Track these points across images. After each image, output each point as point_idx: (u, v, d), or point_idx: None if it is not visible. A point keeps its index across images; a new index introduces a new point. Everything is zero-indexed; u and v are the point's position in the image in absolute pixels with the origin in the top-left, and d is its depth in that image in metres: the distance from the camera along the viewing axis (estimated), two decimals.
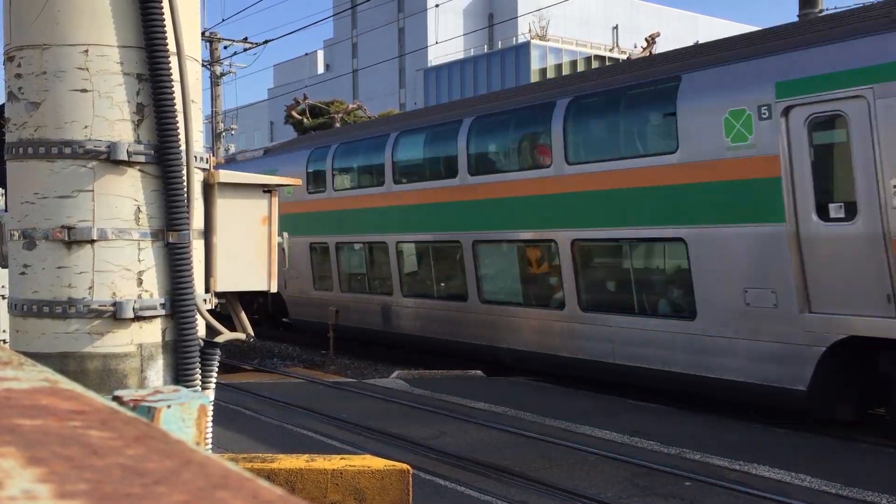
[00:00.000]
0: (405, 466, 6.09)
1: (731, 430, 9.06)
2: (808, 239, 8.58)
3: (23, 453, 0.67)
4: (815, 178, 8.67)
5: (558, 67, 54.38)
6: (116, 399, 1.18)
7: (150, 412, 1.13)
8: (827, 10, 17.22)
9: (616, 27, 66.40)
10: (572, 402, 10.82)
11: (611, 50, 58.10)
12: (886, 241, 8.01)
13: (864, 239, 8.18)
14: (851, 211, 8.32)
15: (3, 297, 7.01)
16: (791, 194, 8.73)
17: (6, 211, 3.87)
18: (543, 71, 53.87)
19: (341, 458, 6.23)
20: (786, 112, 8.78)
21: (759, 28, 12.94)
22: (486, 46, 60.44)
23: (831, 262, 8.44)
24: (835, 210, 8.49)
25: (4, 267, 5.30)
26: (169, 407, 1.15)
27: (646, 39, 23.71)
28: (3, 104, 3.76)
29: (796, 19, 16.43)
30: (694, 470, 7.43)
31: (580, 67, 55.75)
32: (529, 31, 56.47)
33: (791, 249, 8.68)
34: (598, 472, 7.48)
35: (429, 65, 60.39)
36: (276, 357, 16.35)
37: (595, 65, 56.17)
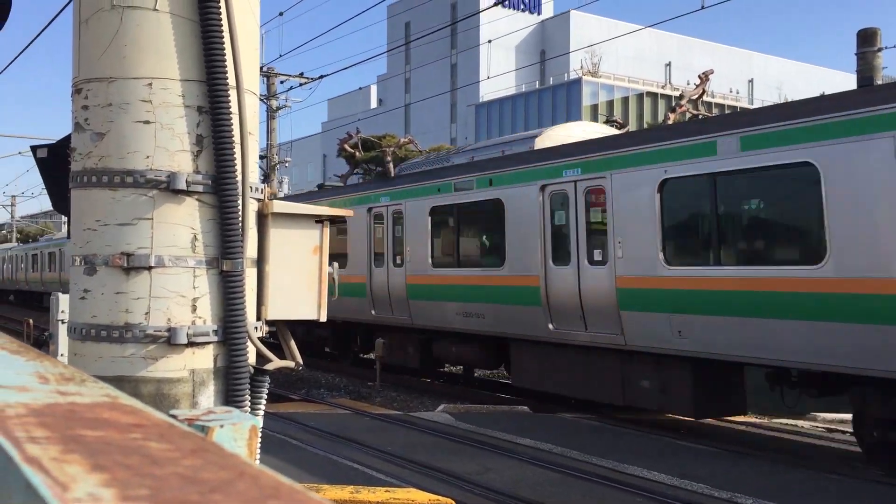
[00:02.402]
0: (449, 501, 6.06)
1: (784, 474, 8.82)
2: None
3: (87, 461, 0.70)
4: None
5: (610, 104, 54.34)
6: (172, 418, 1.21)
7: (203, 430, 1.16)
8: (886, 48, 16.93)
9: (669, 64, 66.23)
10: (620, 440, 10.65)
11: (663, 87, 57.89)
12: None
13: None
14: None
15: (63, 321, 7.21)
16: None
17: (69, 238, 3.99)
18: (595, 107, 53.89)
19: (386, 491, 6.23)
20: None
21: (814, 66, 12.84)
22: (537, 82, 60.74)
23: None
24: None
25: (66, 292, 5.47)
26: (222, 426, 1.18)
27: (699, 77, 23.58)
28: (70, 134, 3.90)
29: (854, 58, 16.21)
30: None
31: (632, 104, 55.67)
32: (581, 67, 56.62)
33: None
34: None
35: (480, 100, 60.86)
36: (324, 387, 16.44)
37: (647, 102, 56.07)
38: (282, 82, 28.23)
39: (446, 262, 14.58)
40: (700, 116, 21.65)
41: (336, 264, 4.46)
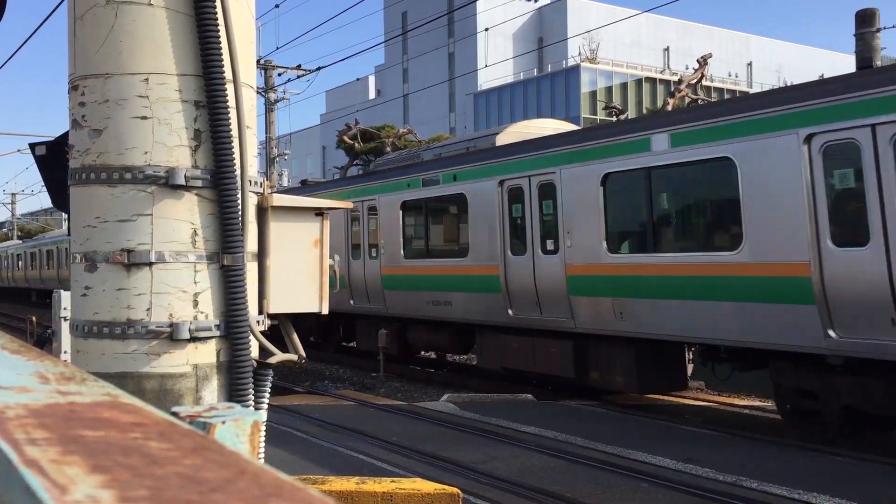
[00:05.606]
0: (455, 490, 6.08)
1: (790, 458, 8.83)
2: None
3: (87, 461, 0.70)
4: None
5: (608, 90, 54.22)
6: (174, 415, 1.21)
7: (205, 427, 1.16)
8: (885, 28, 16.88)
9: (667, 49, 66.02)
10: (624, 426, 10.67)
11: (661, 72, 57.74)
12: None
13: None
14: None
15: (66, 318, 7.22)
16: None
17: (69, 235, 3.99)
18: (593, 94, 53.77)
19: (392, 481, 6.24)
20: None
21: (813, 48, 12.62)
22: (535, 70, 60.59)
23: None
24: None
25: (67, 290, 5.47)
26: (224, 423, 1.18)
27: (698, 61, 23.51)
28: (68, 132, 3.89)
29: (853, 39, 16.16)
30: (751, 498, 7.26)
31: (631, 90, 55.55)
32: (579, 54, 56.47)
33: None
34: (652, 499, 7.35)
35: (479, 89, 60.73)
36: (328, 379, 16.47)
37: (646, 88, 55.96)
38: (279, 75, 28.19)
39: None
40: (699, 101, 21.59)
41: (337, 256, 4.46)
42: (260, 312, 3.95)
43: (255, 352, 3.80)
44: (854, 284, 8.51)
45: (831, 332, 8.72)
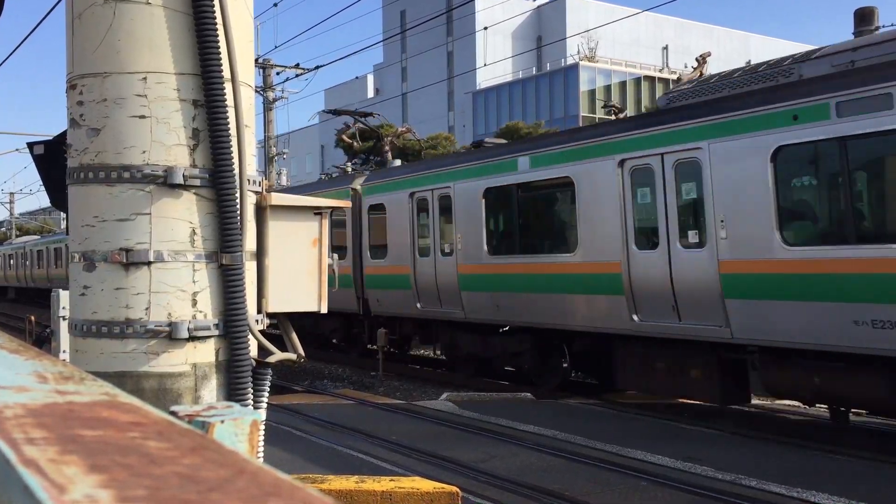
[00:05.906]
0: (454, 489, 6.08)
1: (788, 456, 8.84)
2: None
3: (85, 461, 0.70)
4: None
5: (607, 89, 54.22)
6: (172, 414, 1.21)
7: (204, 427, 1.16)
8: (884, 27, 16.89)
9: (666, 48, 66.01)
10: (624, 425, 10.67)
11: (660, 71, 57.74)
12: None
13: None
14: None
15: (64, 318, 7.21)
16: None
17: (67, 234, 3.98)
18: (592, 93, 53.77)
19: (391, 480, 6.24)
20: None
21: (812, 47, 12.53)
22: (534, 69, 60.57)
23: None
24: None
25: (66, 289, 5.46)
26: (222, 422, 1.18)
27: (697, 60, 23.47)
28: (66, 131, 3.89)
29: (851, 37, 16.16)
30: (750, 497, 7.26)
31: (629, 89, 55.56)
32: (578, 52, 56.45)
33: None
34: (651, 497, 7.35)
35: (477, 87, 60.71)
36: (327, 378, 16.46)
37: (645, 86, 55.97)
38: (278, 73, 28.17)
39: None
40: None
41: (335, 255, 4.46)
42: (259, 311, 3.95)
43: (253, 351, 3.80)
44: None
45: None
